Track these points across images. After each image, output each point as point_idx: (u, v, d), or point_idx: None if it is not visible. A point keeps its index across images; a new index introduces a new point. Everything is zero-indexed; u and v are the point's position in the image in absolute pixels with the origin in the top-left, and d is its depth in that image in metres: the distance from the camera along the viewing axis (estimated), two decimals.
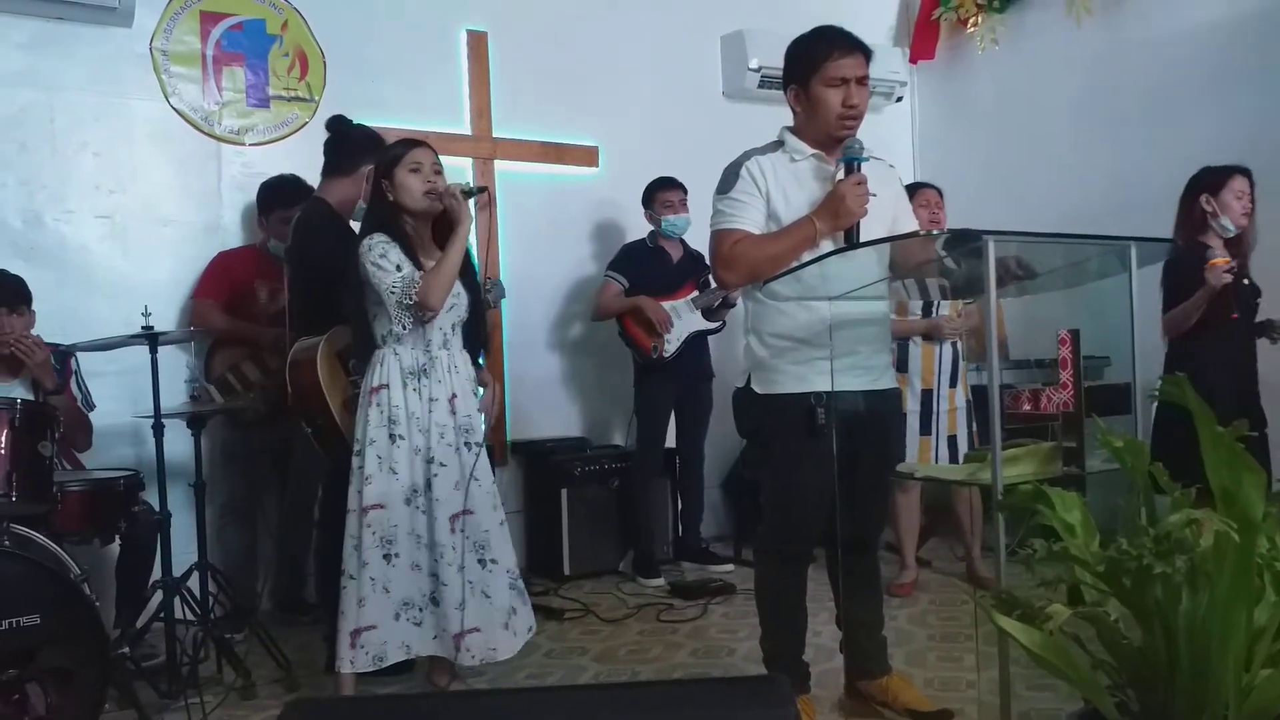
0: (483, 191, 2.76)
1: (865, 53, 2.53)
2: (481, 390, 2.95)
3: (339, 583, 2.76)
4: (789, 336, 2.55)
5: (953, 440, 3.91)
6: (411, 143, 2.86)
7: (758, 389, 2.59)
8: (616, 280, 4.44)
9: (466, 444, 2.82)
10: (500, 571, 2.82)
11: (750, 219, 2.52)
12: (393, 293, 2.71)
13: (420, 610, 2.77)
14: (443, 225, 2.82)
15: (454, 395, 2.82)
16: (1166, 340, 3.47)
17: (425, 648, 2.79)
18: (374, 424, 2.75)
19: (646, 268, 4.45)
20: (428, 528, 2.77)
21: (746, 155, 2.59)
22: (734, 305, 4.38)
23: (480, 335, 2.99)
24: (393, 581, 2.73)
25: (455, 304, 2.83)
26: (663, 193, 4.41)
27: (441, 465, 2.77)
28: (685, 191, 4.39)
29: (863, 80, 2.51)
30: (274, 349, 3.75)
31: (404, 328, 2.76)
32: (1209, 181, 3.48)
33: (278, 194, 3.83)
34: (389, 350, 2.79)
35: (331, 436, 2.95)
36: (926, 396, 3.90)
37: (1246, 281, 3.48)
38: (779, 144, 2.62)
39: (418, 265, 2.75)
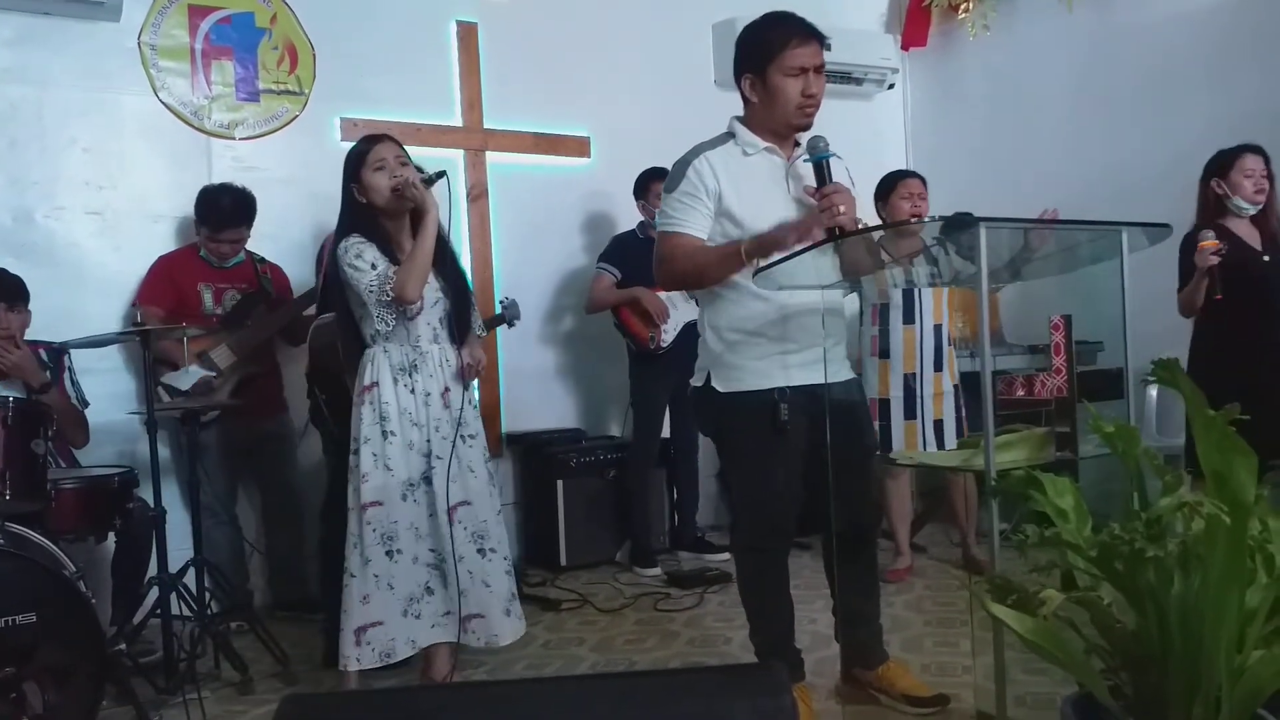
0: (441, 175, 2.76)
1: (821, 40, 2.50)
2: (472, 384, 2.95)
3: (341, 579, 2.77)
4: (743, 329, 2.52)
5: (939, 425, 3.88)
6: (372, 139, 2.84)
7: (719, 387, 2.55)
8: (609, 272, 4.42)
9: (462, 437, 2.84)
10: (499, 560, 2.87)
11: (694, 222, 2.49)
12: (371, 291, 2.71)
13: (418, 603, 2.79)
14: (418, 217, 2.80)
15: (446, 389, 2.84)
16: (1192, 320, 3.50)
17: (427, 638, 2.81)
18: (367, 422, 2.77)
19: (639, 259, 4.37)
20: (426, 520, 2.80)
21: (695, 151, 2.54)
22: None
23: (463, 325, 2.92)
24: (396, 578, 2.76)
25: (439, 298, 2.84)
26: (659, 184, 4.36)
27: (438, 459, 2.80)
28: None
29: (820, 69, 2.49)
30: (239, 348, 3.73)
31: (388, 324, 2.76)
32: (1219, 164, 3.51)
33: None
34: (379, 349, 2.80)
35: (346, 404, 2.91)
36: (909, 380, 3.86)
37: (1268, 259, 3.46)
38: (729, 135, 2.57)
39: (395, 262, 2.75)
